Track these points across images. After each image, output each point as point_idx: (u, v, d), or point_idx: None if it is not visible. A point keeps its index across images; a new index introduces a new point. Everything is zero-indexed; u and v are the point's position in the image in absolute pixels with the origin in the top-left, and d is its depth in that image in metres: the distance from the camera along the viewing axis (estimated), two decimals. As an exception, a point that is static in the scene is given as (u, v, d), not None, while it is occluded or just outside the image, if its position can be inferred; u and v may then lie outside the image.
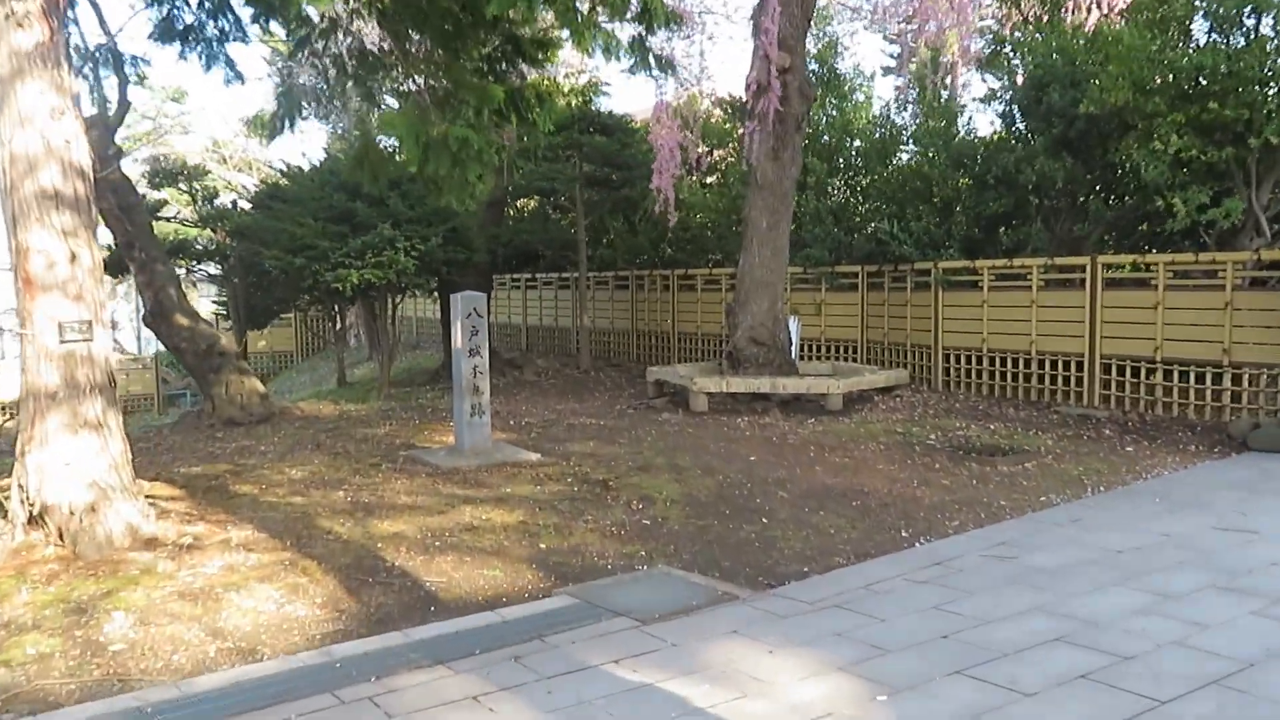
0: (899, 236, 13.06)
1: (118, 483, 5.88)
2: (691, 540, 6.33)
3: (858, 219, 15.28)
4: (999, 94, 13.54)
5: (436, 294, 17.02)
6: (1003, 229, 12.87)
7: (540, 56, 8.50)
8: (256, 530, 6.33)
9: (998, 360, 11.93)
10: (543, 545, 6.20)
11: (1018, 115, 13.04)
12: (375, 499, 7.34)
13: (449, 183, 7.47)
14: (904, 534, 6.43)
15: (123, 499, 5.90)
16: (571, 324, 19.48)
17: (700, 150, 15.73)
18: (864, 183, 15.54)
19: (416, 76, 7.78)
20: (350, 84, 8.37)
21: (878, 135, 15.16)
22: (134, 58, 12.10)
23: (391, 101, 11.05)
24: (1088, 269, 10.84)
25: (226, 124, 32.26)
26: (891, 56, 32.19)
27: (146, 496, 7.02)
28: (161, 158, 14.87)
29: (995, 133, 14.08)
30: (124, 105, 12.63)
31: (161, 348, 32.33)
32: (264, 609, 5.04)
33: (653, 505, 7.11)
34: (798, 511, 6.96)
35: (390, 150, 13.12)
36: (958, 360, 12.46)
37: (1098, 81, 10.57)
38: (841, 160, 15.75)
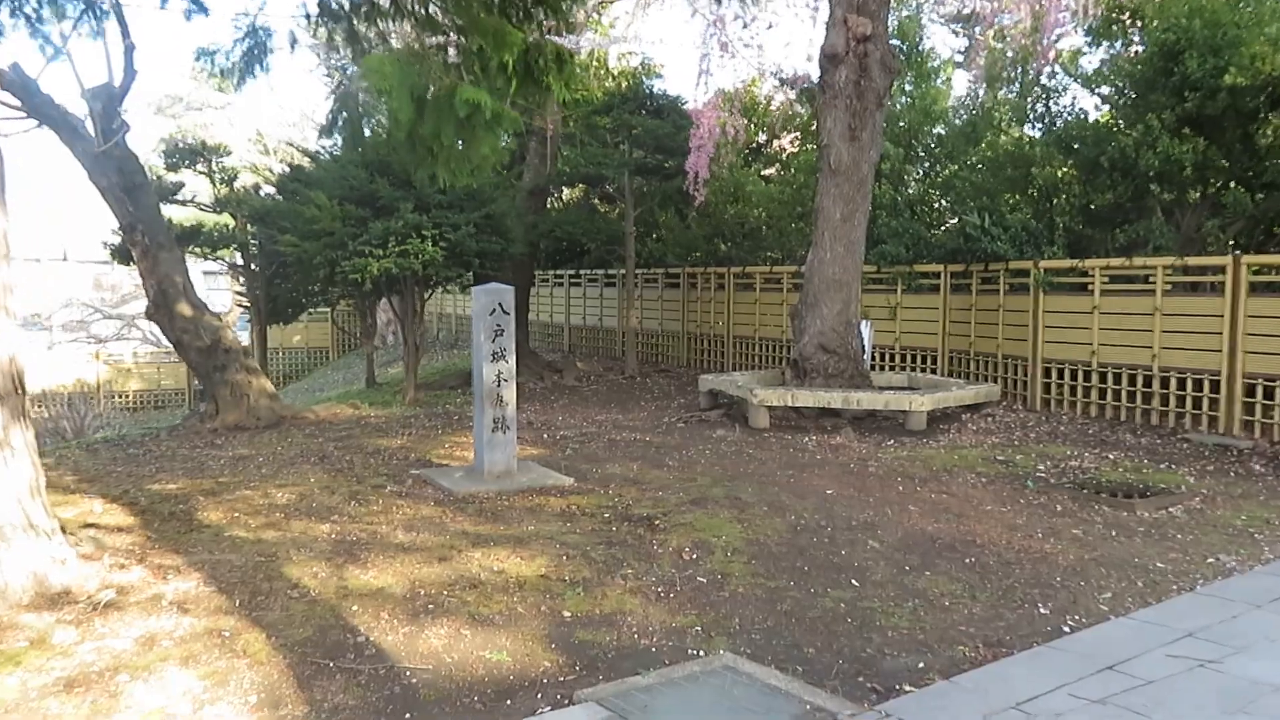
0: (991, 231, 11.40)
1: (20, 519, 4.54)
2: (761, 610, 4.83)
3: (938, 212, 13.62)
4: (1110, 68, 11.78)
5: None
6: (1117, 223, 11.13)
7: (563, 6, 6.99)
8: (205, 580, 4.96)
9: (1110, 376, 10.21)
10: (567, 613, 4.74)
11: (1131, 91, 11.27)
12: (366, 535, 5.94)
13: (446, 152, 6.01)
14: (1043, 609, 4.86)
15: (27, 538, 4.56)
16: (617, 325, 18.04)
17: (737, 128, 14.20)
18: (947, 172, 13.86)
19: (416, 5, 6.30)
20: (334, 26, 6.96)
21: (964, 118, 13.46)
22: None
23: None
24: (1229, 271, 9.10)
25: (280, 111, 31.47)
26: (958, 52, 30.27)
27: (89, 526, 5.71)
28: (179, 139, 13.71)
29: (1106, 112, 12.30)
30: (130, 74, 11.48)
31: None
32: (173, 710, 3.64)
33: (709, 555, 5.62)
34: (897, 570, 5.42)
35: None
36: (1060, 375, 10.76)
37: (1251, 48, 8.83)
38: (920, 147, 14.09)
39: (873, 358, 12.48)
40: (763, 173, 18.75)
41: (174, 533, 5.86)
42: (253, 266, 14.27)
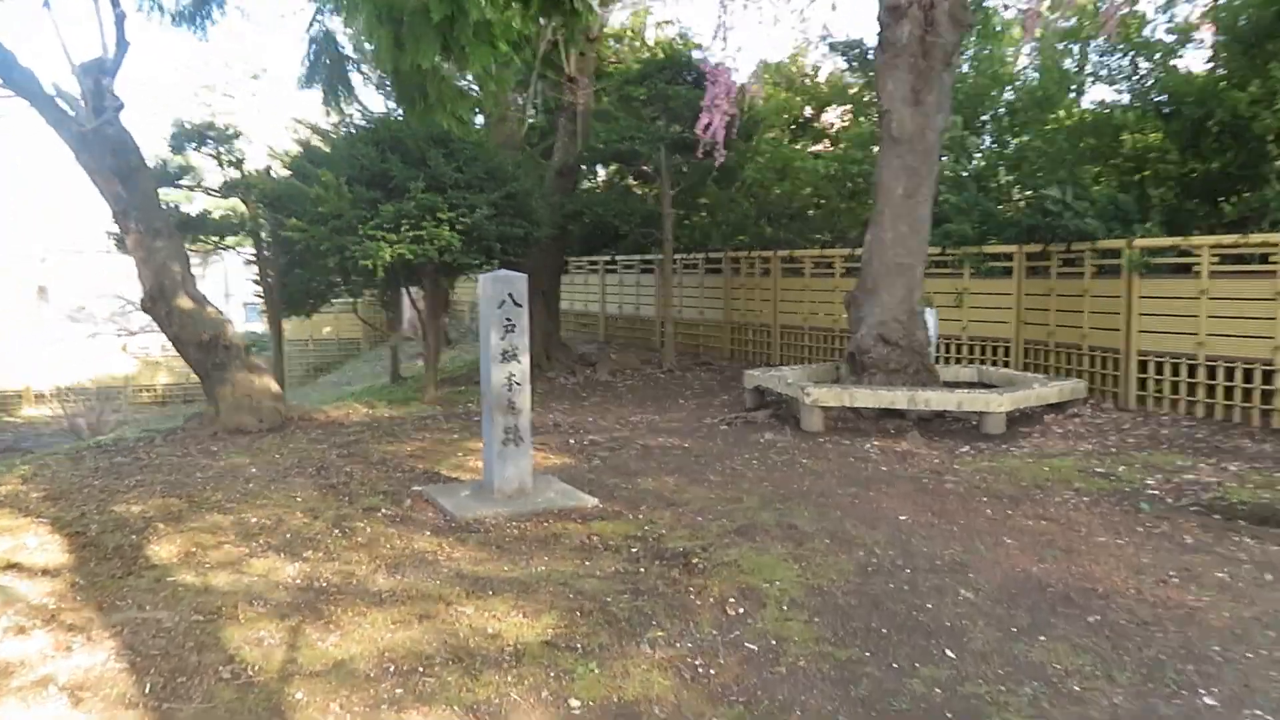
0: (1075, 206, 10.06)
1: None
2: (830, 697, 3.68)
3: (1005, 187, 12.26)
4: (1215, 15, 10.33)
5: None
6: (1223, 195, 9.72)
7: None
8: (118, 651, 3.93)
9: (1221, 371, 8.86)
10: (575, 701, 3.63)
11: (1241, 42, 9.83)
12: (339, 579, 4.88)
13: (437, 86, 4.84)
14: (1207, 698, 3.65)
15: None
16: (655, 314, 16.89)
17: (756, 90, 13.05)
18: (1015, 142, 12.49)
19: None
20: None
21: (1037, 80, 12.05)
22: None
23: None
24: (1371, 247, 7.72)
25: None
26: (1020, 11, 28.55)
27: (10, 569, 4.72)
28: (184, 120, 12.79)
29: (1206, 71, 10.83)
30: (122, 45, 10.55)
31: (252, 329, 31.01)
32: None
33: (760, 609, 4.48)
34: (1002, 634, 4.23)
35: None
36: (1159, 369, 9.41)
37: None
38: (986, 115, 12.72)
39: (937, 349, 11.21)
40: (810, 149, 17.45)
41: (108, 577, 4.85)
42: (266, 254, 13.36)
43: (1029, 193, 11.38)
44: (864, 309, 9.94)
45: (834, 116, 18.53)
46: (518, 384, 6.44)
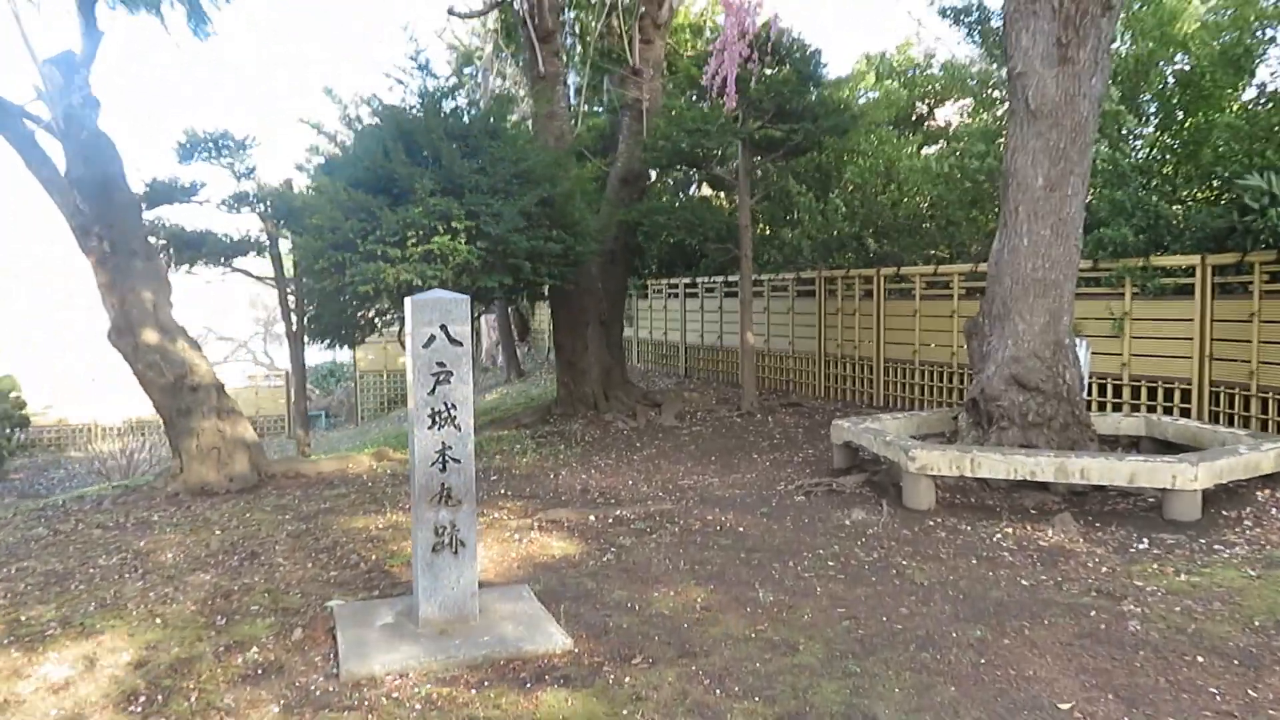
0: (1288, 200, 7.34)
1: None
2: None
3: (1184, 179, 9.51)
4: None
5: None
6: None
7: None
8: None
9: None
10: None
11: None
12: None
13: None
14: None
15: None
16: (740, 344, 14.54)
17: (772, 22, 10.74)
18: (1191, 122, 9.69)
19: None
20: None
21: (1223, 42, 9.26)
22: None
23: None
24: None
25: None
26: None
27: None
28: (199, 129, 11.26)
29: None
30: (93, 36, 9.03)
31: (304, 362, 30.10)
32: None
33: None
34: None
35: None
36: None
37: None
38: (1152, 89, 9.98)
39: (1087, 393, 8.54)
40: (924, 151, 14.86)
41: None
42: (289, 276, 11.73)
43: (1217, 183, 8.61)
44: (991, 341, 7.42)
45: (950, 113, 15.91)
46: (454, 460, 4.27)
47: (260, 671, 4.00)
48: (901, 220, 13.15)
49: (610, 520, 6.73)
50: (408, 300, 4.28)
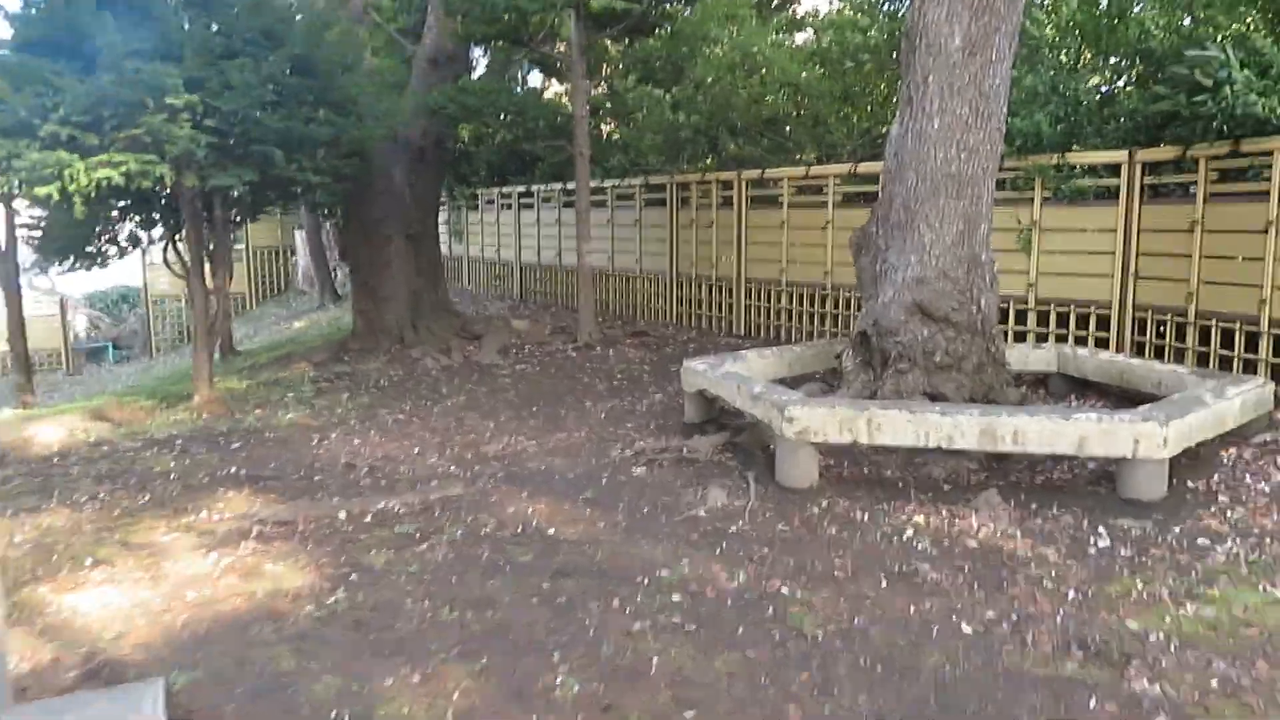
0: (1248, 79, 5.79)
1: None
2: None
3: (1102, 68, 7.93)
4: None
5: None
6: None
7: None
8: None
9: None
10: None
11: None
12: None
13: None
14: None
15: None
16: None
17: None
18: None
19: None
20: None
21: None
22: None
23: None
24: None
25: None
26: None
27: None
28: None
29: None
30: None
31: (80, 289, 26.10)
32: None
33: None
34: None
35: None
36: None
37: None
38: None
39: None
40: (786, 42, 12.96)
41: None
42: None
43: (1161, 57, 7.01)
44: (888, 256, 5.65)
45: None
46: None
47: None
48: (764, 118, 11.27)
49: (368, 518, 4.66)
50: None
